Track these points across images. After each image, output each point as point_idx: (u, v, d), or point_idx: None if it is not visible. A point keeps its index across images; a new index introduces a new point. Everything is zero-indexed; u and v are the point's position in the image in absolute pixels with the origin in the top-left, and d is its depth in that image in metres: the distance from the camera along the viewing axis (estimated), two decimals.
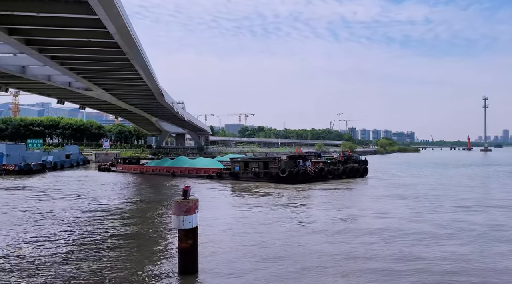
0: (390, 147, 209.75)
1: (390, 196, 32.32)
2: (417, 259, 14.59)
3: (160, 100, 54.30)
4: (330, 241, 17.47)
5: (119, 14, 19.98)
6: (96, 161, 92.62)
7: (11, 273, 13.06)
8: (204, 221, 21.13)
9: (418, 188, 38.46)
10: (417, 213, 24.36)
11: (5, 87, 41.94)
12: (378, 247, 16.27)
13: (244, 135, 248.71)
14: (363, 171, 49.71)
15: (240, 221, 22.10)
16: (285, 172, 41.91)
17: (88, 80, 38.41)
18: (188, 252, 12.73)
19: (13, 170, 54.62)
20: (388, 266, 13.79)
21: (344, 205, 27.91)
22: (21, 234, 18.81)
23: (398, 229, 19.70)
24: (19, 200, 30.50)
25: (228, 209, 26.62)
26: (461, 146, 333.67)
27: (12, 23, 21.16)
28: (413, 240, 17.46)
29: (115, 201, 30.27)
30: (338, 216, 23.54)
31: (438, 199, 30.21)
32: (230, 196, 34.54)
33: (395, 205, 27.47)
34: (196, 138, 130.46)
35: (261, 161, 46.46)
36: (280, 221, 21.93)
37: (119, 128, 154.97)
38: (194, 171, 52.49)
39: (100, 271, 13.31)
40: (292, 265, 14.06)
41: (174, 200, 12.70)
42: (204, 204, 27.25)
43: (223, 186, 40.99)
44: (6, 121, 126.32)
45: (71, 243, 17.16)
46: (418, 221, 21.86)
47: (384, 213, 24.16)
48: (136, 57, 28.89)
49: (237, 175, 46.14)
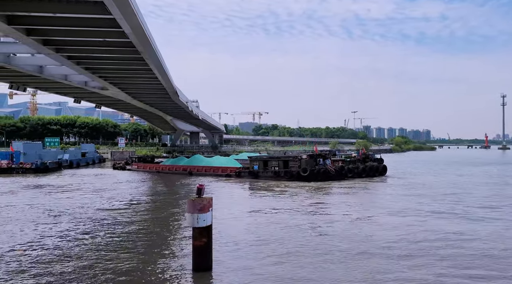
0: (405, 145, 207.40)
1: (416, 195, 31.50)
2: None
3: (175, 99, 54.57)
4: (350, 241, 17.38)
5: (134, 14, 20.12)
6: (112, 159, 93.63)
7: (37, 266, 13.35)
8: (222, 219, 21.30)
9: (441, 187, 37.71)
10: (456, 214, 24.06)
11: (23, 87, 42.59)
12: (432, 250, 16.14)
13: (258, 133, 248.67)
14: (382, 170, 49.35)
15: (257, 220, 22.09)
16: (307, 171, 41.64)
17: (103, 79, 38.82)
18: (202, 249, 12.81)
19: (30, 168, 55.58)
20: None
21: (372, 205, 27.46)
22: (40, 230, 19.16)
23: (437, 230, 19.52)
24: (36, 197, 31.06)
25: (247, 208, 26.56)
26: (479, 144, 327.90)
27: (30, 23, 21.50)
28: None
29: (132, 199, 30.60)
30: (362, 215, 23.39)
31: (468, 199, 29.40)
32: (249, 194, 34.52)
33: (421, 205, 27.02)
34: (210, 136, 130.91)
35: (280, 159, 46.23)
36: (300, 220, 21.79)
37: (134, 126, 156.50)
38: (212, 170, 52.30)
39: (116, 267, 13.49)
40: (306, 263, 14.03)
41: (188, 199, 12.81)
42: (223, 203, 27.44)
43: (243, 185, 40.89)
44: (25, 120, 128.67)
45: (87, 239, 17.42)
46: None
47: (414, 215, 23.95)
48: (151, 56, 29.08)
49: (257, 174, 45.93)
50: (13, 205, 26.95)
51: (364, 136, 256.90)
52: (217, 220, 20.74)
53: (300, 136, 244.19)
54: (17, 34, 21.98)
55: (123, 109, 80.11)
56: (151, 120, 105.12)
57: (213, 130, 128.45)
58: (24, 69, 33.06)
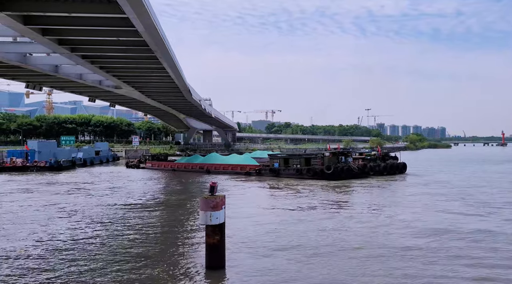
0: (420, 143, 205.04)
1: (442, 195, 30.72)
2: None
3: (188, 97, 54.82)
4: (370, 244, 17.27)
5: (147, 13, 20.24)
6: (126, 157, 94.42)
7: (55, 260, 13.57)
8: (241, 217, 21.41)
9: (465, 185, 37.14)
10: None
11: (39, 86, 43.19)
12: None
13: (271, 131, 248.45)
14: (402, 168, 49.18)
15: (279, 218, 21.85)
16: (331, 168, 41.34)
17: (117, 78, 39.18)
18: (216, 247, 12.85)
19: (44, 167, 56.42)
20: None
21: (402, 203, 27.05)
22: (55, 227, 19.45)
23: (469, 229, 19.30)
24: (52, 195, 31.51)
25: (269, 206, 26.39)
26: (495, 142, 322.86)
27: (45, 23, 21.79)
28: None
29: (150, 197, 30.85)
30: (389, 215, 23.24)
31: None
32: (271, 192, 34.07)
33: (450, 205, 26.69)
34: (223, 134, 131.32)
35: (302, 157, 45.99)
36: (325, 220, 21.44)
37: (148, 125, 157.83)
38: (230, 168, 51.93)
39: (130, 263, 13.62)
40: (320, 262, 13.98)
41: (201, 196, 12.87)
42: (244, 201, 27.52)
43: (264, 182, 40.47)
44: (41, 119, 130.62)
45: (102, 237, 17.62)
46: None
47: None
48: (164, 55, 29.25)
49: (278, 172, 45.64)
50: (26, 203, 27.40)
51: (378, 134, 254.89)
52: (237, 219, 20.90)
53: (313, 134, 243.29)
54: (33, 34, 22.31)
55: (136, 108, 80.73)
56: (165, 119, 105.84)
57: (226, 128, 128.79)
58: (40, 69, 33.53)
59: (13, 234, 18.16)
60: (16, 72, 36.27)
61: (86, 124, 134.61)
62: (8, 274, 12.71)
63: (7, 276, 12.58)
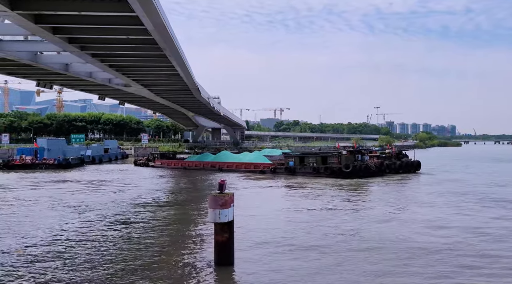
0: (429, 141, 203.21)
1: (462, 193, 30.48)
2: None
3: (196, 95, 54.99)
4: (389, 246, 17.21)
5: (156, 11, 20.35)
6: (135, 155, 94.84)
7: (64, 257, 13.74)
8: (258, 216, 21.48)
9: (480, 183, 37.05)
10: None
11: (50, 84, 43.65)
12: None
13: (280, 129, 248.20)
14: (417, 166, 49.19)
15: (296, 216, 21.77)
16: (349, 167, 41.15)
17: (127, 77, 39.44)
18: (224, 244, 12.91)
19: (53, 164, 56.86)
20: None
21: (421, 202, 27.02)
22: (66, 224, 19.66)
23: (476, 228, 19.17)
24: (63, 194, 31.82)
25: (286, 204, 26.22)
26: (506, 140, 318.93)
27: (56, 22, 22.01)
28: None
29: (160, 195, 31.03)
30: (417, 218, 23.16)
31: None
32: (290, 191, 33.58)
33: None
34: (231, 132, 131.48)
35: (319, 155, 45.79)
36: (343, 219, 21.18)
37: (157, 123, 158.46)
38: (243, 166, 51.45)
39: (139, 260, 13.74)
40: (330, 261, 13.98)
41: (210, 194, 12.93)
42: (260, 199, 27.51)
43: (280, 181, 39.96)
44: (51, 117, 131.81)
45: (112, 234, 17.77)
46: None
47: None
48: (173, 53, 29.38)
49: (293, 170, 45.34)
50: (32, 200, 27.71)
51: (387, 132, 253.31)
52: (254, 217, 21.00)
53: (321, 132, 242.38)
54: (44, 32, 22.55)
55: (146, 106, 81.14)
56: (173, 117, 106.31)
57: (235, 126, 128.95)
58: (50, 67, 33.88)
59: (22, 232, 18.39)
60: (27, 71, 36.71)
61: (96, 122, 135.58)
62: (18, 271, 12.90)
63: (15, 272, 12.77)
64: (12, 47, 28.87)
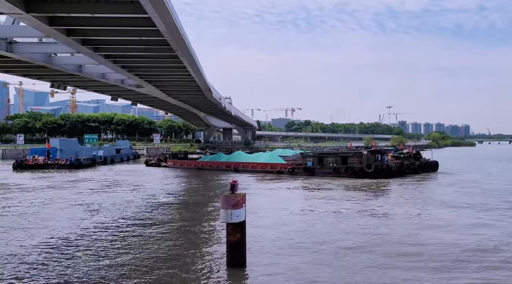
0: (443, 141, 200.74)
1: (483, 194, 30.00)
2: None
3: (208, 96, 55.18)
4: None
5: (168, 12, 20.46)
6: (147, 155, 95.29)
7: (80, 255, 13.90)
8: (276, 217, 21.38)
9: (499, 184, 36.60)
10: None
11: (63, 85, 44.20)
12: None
13: (291, 129, 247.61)
14: (435, 166, 49.12)
15: (313, 218, 21.47)
16: (371, 167, 40.82)
17: (139, 77, 39.74)
18: (236, 245, 12.92)
19: (65, 164, 57.54)
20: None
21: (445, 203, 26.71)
22: (80, 224, 19.87)
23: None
24: (70, 193, 32.15)
25: (306, 205, 25.73)
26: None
27: (69, 24, 22.27)
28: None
29: (174, 196, 31.18)
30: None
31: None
32: (310, 191, 32.94)
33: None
34: (243, 132, 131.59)
35: (338, 155, 45.45)
36: (365, 220, 20.79)
37: (169, 123, 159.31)
38: (259, 166, 50.58)
39: (151, 260, 13.81)
40: (341, 263, 13.90)
41: (222, 195, 12.96)
42: (280, 201, 27.38)
43: (301, 182, 39.19)
44: (65, 117, 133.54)
45: (126, 234, 17.90)
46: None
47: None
48: (185, 54, 29.51)
49: (312, 171, 44.68)
50: (41, 199, 28.05)
51: (400, 132, 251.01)
52: (272, 218, 20.90)
53: (333, 132, 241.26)
54: (58, 34, 22.83)
55: (158, 106, 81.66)
56: (185, 117, 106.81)
57: (246, 127, 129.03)
58: (64, 68, 34.31)
59: (36, 232, 18.63)
60: (41, 72, 37.21)
61: (109, 123, 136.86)
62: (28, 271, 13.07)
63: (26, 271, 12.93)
64: (27, 49, 29.29)
